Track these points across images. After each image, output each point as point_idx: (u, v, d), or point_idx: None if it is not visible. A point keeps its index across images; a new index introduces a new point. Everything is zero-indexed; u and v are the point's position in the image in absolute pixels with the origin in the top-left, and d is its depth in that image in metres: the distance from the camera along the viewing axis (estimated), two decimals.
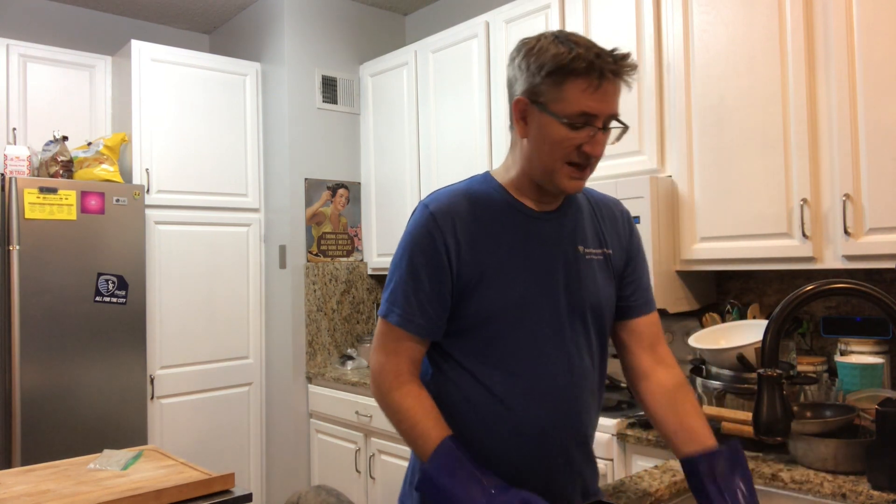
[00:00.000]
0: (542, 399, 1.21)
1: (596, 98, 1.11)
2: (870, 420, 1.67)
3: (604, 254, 1.29)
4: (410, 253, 1.21)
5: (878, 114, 1.89)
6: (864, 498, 1.45)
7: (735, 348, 1.96)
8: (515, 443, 1.21)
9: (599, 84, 1.11)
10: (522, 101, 1.17)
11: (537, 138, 1.16)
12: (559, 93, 1.12)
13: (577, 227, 1.27)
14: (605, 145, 1.17)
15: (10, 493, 1.74)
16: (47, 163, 3.12)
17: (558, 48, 1.12)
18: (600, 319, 1.28)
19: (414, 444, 1.20)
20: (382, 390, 1.22)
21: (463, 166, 3.14)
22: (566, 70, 1.10)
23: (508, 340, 1.21)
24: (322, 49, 3.70)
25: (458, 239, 1.19)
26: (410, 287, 1.20)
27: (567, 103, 1.11)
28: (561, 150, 1.14)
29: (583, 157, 1.15)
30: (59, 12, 3.73)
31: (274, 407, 3.66)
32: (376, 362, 1.24)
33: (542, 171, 1.19)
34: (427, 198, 1.25)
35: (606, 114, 1.13)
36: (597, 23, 2.59)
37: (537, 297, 1.21)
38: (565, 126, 1.12)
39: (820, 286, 1.13)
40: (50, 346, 2.95)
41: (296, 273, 3.56)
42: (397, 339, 1.21)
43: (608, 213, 1.34)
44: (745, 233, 2.17)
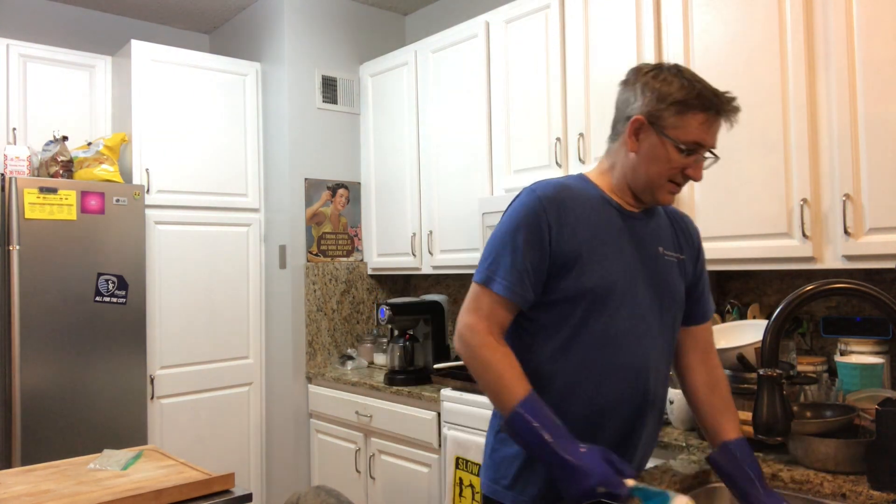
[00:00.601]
0: (613, 380, 1.34)
1: (708, 132, 1.31)
2: (870, 420, 1.67)
3: (678, 258, 1.46)
4: (516, 228, 1.33)
5: (878, 114, 1.89)
6: (864, 498, 1.45)
7: (735, 348, 1.96)
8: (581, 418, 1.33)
9: (715, 120, 1.31)
10: (640, 121, 1.33)
11: (649, 155, 1.33)
12: (679, 121, 1.30)
13: (659, 230, 1.45)
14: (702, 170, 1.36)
15: (10, 493, 1.74)
16: (47, 163, 3.12)
17: (681, 82, 1.31)
18: (674, 314, 1.44)
19: (498, 393, 1.28)
20: (472, 345, 1.31)
21: (463, 166, 3.14)
22: (690, 104, 1.29)
23: (590, 321, 1.33)
24: (322, 49, 3.70)
25: (560, 221, 1.33)
26: (513, 258, 1.31)
27: (685, 131, 1.30)
28: (669, 169, 1.33)
29: (684, 178, 1.35)
30: (59, 12, 3.73)
31: (274, 407, 3.66)
32: (468, 322, 1.32)
33: (646, 183, 1.36)
34: (533, 184, 1.39)
35: (711, 145, 1.33)
36: (597, 23, 2.59)
37: (623, 284, 1.35)
38: (680, 151, 1.31)
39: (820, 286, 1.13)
40: (50, 346, 2.95)
41: (296, 273, 3.56)
42: (493, 304, 1.32)
43: (683, 225, 1.52)
44: (745, 233, 2.17)
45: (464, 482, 2.60)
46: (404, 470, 2.97)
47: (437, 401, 2.83)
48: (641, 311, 1.37)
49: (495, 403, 1.30)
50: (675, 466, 1.63)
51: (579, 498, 1.15)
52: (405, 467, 2.96)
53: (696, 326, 1.50)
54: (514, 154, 2.91)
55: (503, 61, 2.95)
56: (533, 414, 1.21)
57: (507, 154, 2.93)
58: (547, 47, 2.76)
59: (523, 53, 2.86)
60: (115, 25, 3.91)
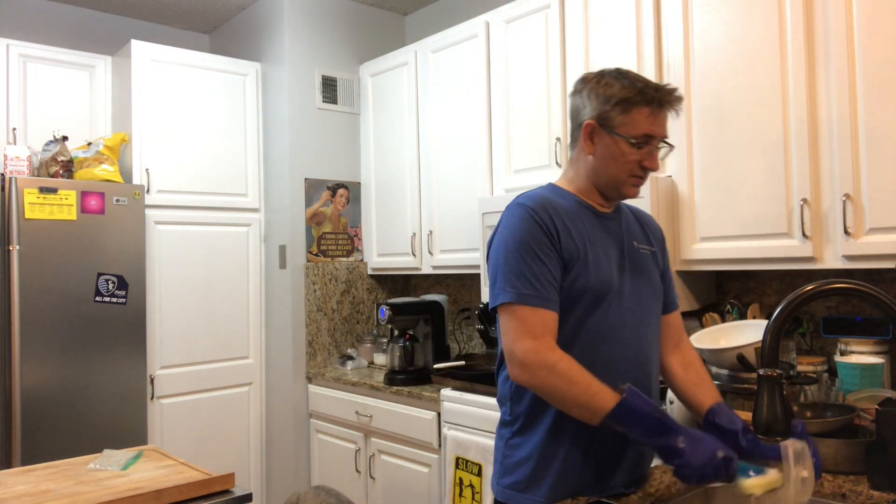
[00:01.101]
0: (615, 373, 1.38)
1: (655, 123, 1.39)
2: (870, 420, 1.67)
3: (650, 251, 1.54)
4: (526, 241, 1.37)
5: (878, 114, 1.89)
6: (864, 498, 1.45)
7: (735, 348, 1.95)
8: None
9: (659, 112, 1.39)
10: (592, 125, 1.41)
11: (605, 155, 1.41)
12: (626, 118, 1.38)
13: (629, 227, 1.52)
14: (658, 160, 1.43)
15: (10, 493, 1.74)
16: (47, 163, 3.12)
17: (622, 82, 1.39)
18: (658, 304, 1.52)
19: (590, 401, 1.29)
20: (547, 365, 1.31)
21: (463, 166, 3.14)
22: (633, 101, 1.37)
23: (589, 318, 1.39)
24: (322, 49, 3.70)
25: (556, 227, 1.39)
26: (536, 270, 1.35)
27: (633, 127, 1.38)
28: (626, 164, 1.40)
29: (642, 170, 1.41)
30: (59, 12, 3.73)
31: (274, 407, 3.66)
32: (526, 347, 1.32)
33: (608, 181, 1.43)
34: (519, 198, 1.45)
35: (661, 136, 1.41)
36: (597, 22, 2.59)
37: (614, 281, 1.42)
38: (631, 145, 1.38)
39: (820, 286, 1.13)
40: (50, 346, 2.95)
41: (296, 273, 3.56)
42: (541, 321, 1.34)
43: (646, 220, 1.61)
44: (745, 233, 2.17)
45: (464, 482, 2.60)
46: (404, 470, 2.97)
47: (437, 401, 2.83)
48: (632, 304, 1.44)
49: (584, 412, 1.30)
50: None
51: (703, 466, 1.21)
52: (405, 467, 2.96)
53: (667, 315, 1.58)
54: (514, 154, 2.90)
55: (503, 61, 2.95)
56: (641, 400, 1.27)
57: (507, 154, 2.93)
58: (547, 47, 2.76)
59: (523, 53, 2.86)
60: (115, 25, 3.91)
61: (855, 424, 1.70)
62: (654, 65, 2.40)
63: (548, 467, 1.40)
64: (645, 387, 1.43)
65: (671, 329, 1.58)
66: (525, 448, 1.43)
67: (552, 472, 1.40)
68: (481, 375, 2.78)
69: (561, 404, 1.33)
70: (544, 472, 1.40)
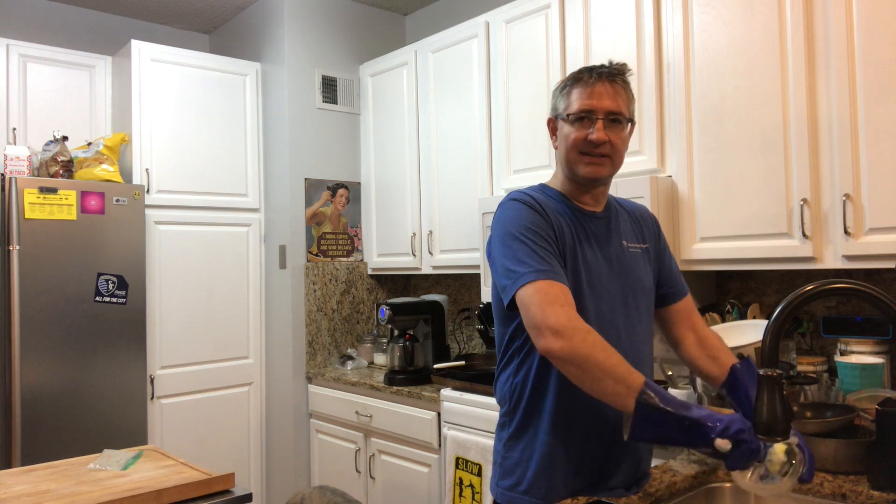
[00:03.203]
0: None
1: (591, 96, 1.40)
2: (870, 420, 1.67)
3: (642, 248, 1.54)
4: (524, 227, 1.37)
5: (878, 114, 1.89)
6: (864, 498, 1.45)
7: (735, 348, 1.95)
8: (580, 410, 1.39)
9: (592, 86, 1.40)
10: (550, 120, 1.50)
11: (560, 141, 1.46)
12: (566, 100, 1.43)
13: (619, 225, 1.52)
14: (607, 134, 1.39)
15: (10, 493, 1.74)
16: (47, 163, 3.12)
17: (567, 76, 1.46)
18: (647, 303, 1.52)
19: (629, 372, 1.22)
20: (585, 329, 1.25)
21: (463, 166, 3.14)
22: (570, 82, 1.44)
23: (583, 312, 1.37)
24: (322, 49, 3.70)
25: (550, 217, 1.40)
26: (541, 250, 1.35)
27: (570, 105, 1.42)
28: (572, 142, 1.42)
29: (589, 145, 1.40)
30: (59, 12, 3.73)
31: (274, 407, 3.66)
32: (559, 313, 1.25)
33: (567, 165, 1.45)
34: (511, 194, 1.47)
35: (602, 109, 1.40)
36: (597, 23, 2.59)
37: (601, 280, 1.43)
38: (570, 123, 1.42)
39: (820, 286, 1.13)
40: (50, 346, 2.95)
41: (296, 273, 3.56)
42: (563, 292, 1.30)
43: (641, 216, 1.60)
44: (745, 233, 2.17)
45: (464, 482, 2.60)
46: (404, 470, 2.97)
47: (437, 401, 2.83)
48: (617, 305, 1.45)
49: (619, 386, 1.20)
50: (675, 466, 1.63)
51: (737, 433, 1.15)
52: (405, 467, 2.96)
53: (678, 303, 1.59)
54: (514, 154, 2.90)
55: (503, 61, 2.95)
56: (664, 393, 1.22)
57: (507, 154, 2.93)
58: (547, 47, 2.76)
59: (523, 54, 2.86)
60: (115, 25, 3.91)
61: (855, 424, 1.70)
62: (654, 65, 2.40)
63: (547, 468, 1.39)
64: None
65: (682, 315, 1.59)
66: (524, 449, 1.43)
67: (551, 473, 1.39)
68: (481, 375, 2.78)
69: (594, 375, 1.22)
70: (543, 473, 1.40)
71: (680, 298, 1.60)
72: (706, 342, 1.55)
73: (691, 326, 1.59)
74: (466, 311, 3.56)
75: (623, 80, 1.43)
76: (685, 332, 1.58)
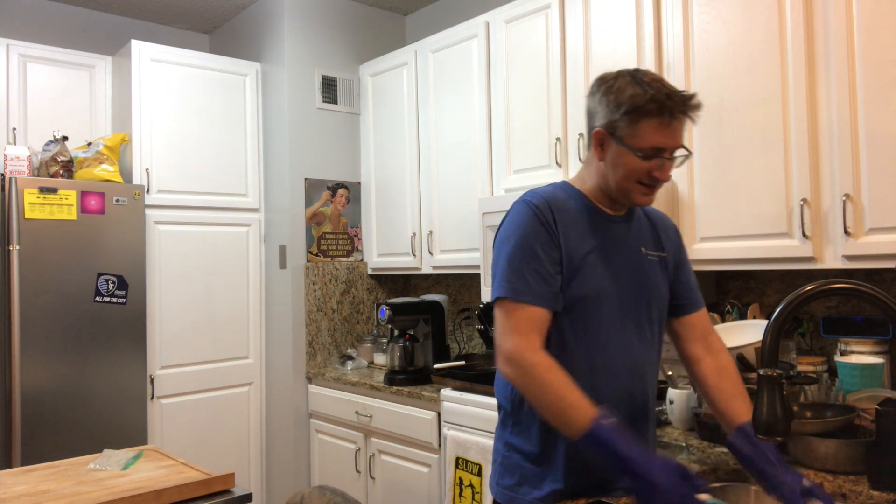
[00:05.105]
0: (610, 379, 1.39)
1: (665, 134, 1.32)
2: (870, 420, 1.67)
3: (660, 256, 1.51)
4: (524, 238, 1.36)
5: (879, 114, 1.89)
6: (864, 498, 1.45)
7: (735, 348, 1.95)
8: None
9: (670, 123, 1.32)
10: (601, 133, 1.37)
11: (613, 163, 1.37)
12: (634, 129, 1.32)
13: (640, 232, 1.49)
14: (670, 170, 1.37)
15: (10, 493, 1.74)
16: (47, 163, 3.12)
17: (634, 89, 1.31)
18: (659, 310, 1.49)
19: (562, 414, 1.28)
20: (524, 367, 1.31)
21: (463, 166, 3.14)
22: (642, 111, 1.30)
23: (584, 325, 1.38)
24: (322, 49, 3.70)
25: (558, 228, 1.37)
26: (535, 267, 1.34)
27: (641, 139, 1.32)
28: (633, 174, 1.36)
29: (652, 180, 1.36)
30: (59, 12, 3.73)
31: (274, 407, 3.66)
32: (512, 344, 1.32)
33: (617, 189, 1.39)
34: (525, 195, 1.43)
35: (674, 147, 1.34)
36: (597, 23, 2.59)
37: (613, 286, 1.40)
38: (639, 157, 1.33)
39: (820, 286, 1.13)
40: (50, 346, 2.95)
41: (296, 273, 3.56)
42: (530, 318, 1.33)
43: (662, 224, 1.57)
44: (745, 233, 2.17)
45: (464, 482, 2.60)
46: (404, 470, 2.97)
47: (437, 401, 2.82)
48: (629, 311, 1.42)
49: (558, 421, 1.29)
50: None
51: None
52: (405, 467, 2.96)
53: (691, 315, 1.54)
54: (514, 154, 2.90)
55: (503, 61, 2.95)
56: (612, 429, 1.23)
57: (507, 154, 2.93)
58: (547, 47, 2.76)
59: (523, 53, 2.86)
60: (115, 25, 3.91)
61: (855, 424, 1.70)
62: (654, 65, 2.40)
63: (547, 468, 1.39)
64: (640, 392, 1.43)
65: (697, 330, 1.54)
66: (524, 449, 1.43)
67: (551, 472, 1.39)
68: (481, 375, 2.78)
69: (536, 408, 1.32)
70: (543, 472, 1.40)
71: (692, 311, 1.55)
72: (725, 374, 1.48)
73: (707, 347, 1.53)
74: (466, 311, 3.56)
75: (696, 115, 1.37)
76: (700, 352, 1.52)
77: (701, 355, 1.52)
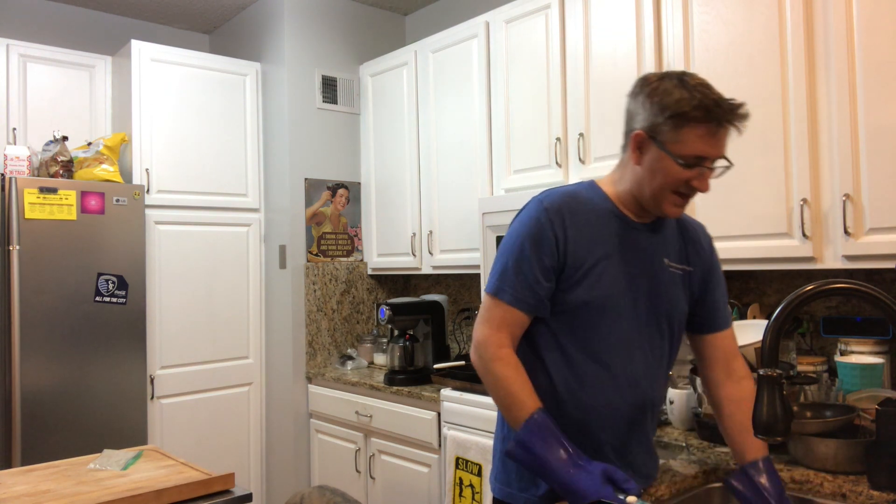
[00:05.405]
0: (607, 390, 1.36)
1: (710, 143, 1.26)
2: (870, 420, 1.67)
3: (684, 270, 1.44)
4: (523, 239, 1.34)
5: (878, 114, 1.89)
6: (864, 498, 1.45)
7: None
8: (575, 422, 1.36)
9: (716, 131, 1.26)
10: (641, 136, 1.30)
11: (651, 169, 1.30)
12: (678, 135, 1.26)
13: (665, 242, 1.42)
14: (709, 180, 1.31)
15: (10, 493, 1.74)
16: (47, 163, 3.12)
17: (681, 93, 1.25)
18: (672, 326, 1.43)
19: (508, 410, 1.32)
20: (485, 359, 1.35)
21: (463, 166, 3.14)
22: (688, 116, 1.24)
23: (592, 331, 1.35)
24: (322, 49, 3.70)
25: (566, 233, 1.33)
26: (522, 268, 1.33)
27: (684, 145, 1.26)
28: (671, 182, 1.29)
29: (690, 189, 1.31)
30: (59, 12, 3.73)
31: (274, 407, 3.66)
32: (481, 334, 1.36)
33: (650, 196, 1.33)
34: (541, 194, 1.40)
35: (717, 156, 1.28)
36: (597, 23, 2.59)
37: (621, 297, 1.35)
38: (679, 165, 1.27)
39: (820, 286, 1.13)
40: (50, 346, 2.95)
41: (296, 273, 3.56)
42: (504, 315, 1.34)
43: (694, 235, 1.48)
44: (745, 233, 2.17)
45: (464, 482, 2.60)
46: (404, 470, 2.97)
47: (437, 401, 2.83)
48: (638, 323, 1.37)
49: (506, 417, 1.33)
50: (674, 466, 1.63)
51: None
52: (405, 467, 2.96)
53: (716, 334, 1.47)
54: (514, 154, 2.90)
55: (503, 61, 2.95)
56: (537, 434, 1.24)
57: (507, 154, 2.93)
58: (547, 47, 2.76)
59: (523, 53, 2.86)
60: (115, 25, 3.91)
61: (855, 424, 1.70)
62: (655, 65, 2.40)
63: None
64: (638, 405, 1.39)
65: (720, 353, 1.47)
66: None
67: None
68: None
69: (494, 401, 1.36)
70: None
71: (715, 331, 1.48)
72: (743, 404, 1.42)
73: (729, 372, 1.46)
74: (466, 311, 3.56)
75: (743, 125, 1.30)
76: (721, 377, 1.46)
77: (721, 380, 1.46)
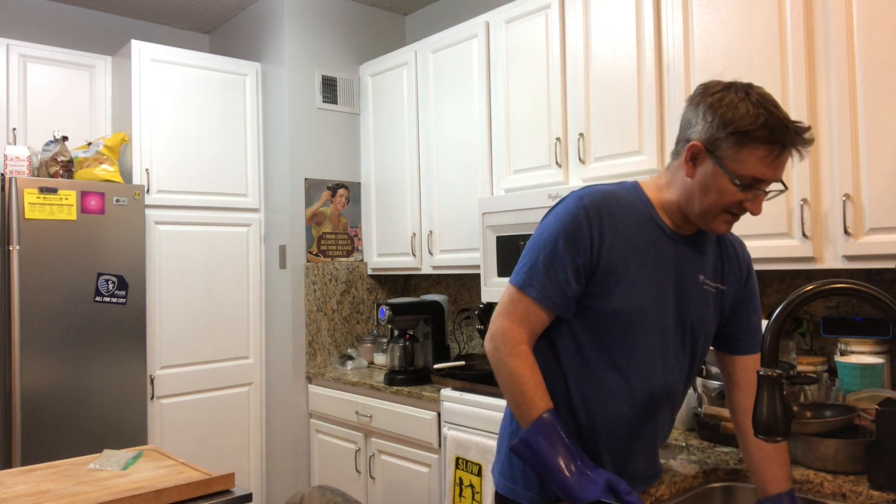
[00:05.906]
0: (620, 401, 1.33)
1: (771, 166, 1.19)
2: (870, 420, 1.67)
3: (717, 289, 1.39)
4: (557, 235, 1.29)
5: (878, 114, 1.89)
6: (864, 498, 1.45)
7: None
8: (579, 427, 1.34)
9: (779, 154, 1.19)
10: (698, 147, 1.24)
11: (704, 184, 1.24)
12: (738, 153, 1.19)
13: (702, 258, 1.37)
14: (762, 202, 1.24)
15: (10, 493, 1.74)
16: (47, 163, 3.12)
17: (748, 108, 1.17)
18: (696, 343, 1.38)
19: (518, 407, 1.29)
20: (502, 352, 1.31)
21: (463, 166, 3.14)
22: (752, 136, 1.17)
23: (617, 340, 1.31)
24: (322, 49, 3.70)
25: (602, 235, 1.28)
26: (554, 266, 1.28)
27: (743, 165, 1.19)
28: (723, 201, 1.23)
29: (740, 210, 1.24)
30: (59, 12, 3.73)
31: (274, 407, 3.66)
32: (500, 326, 1.32)
33: (700, 212, 1.27)
34: (581, 190, 1.33)
35: (775, 180, 1.21)
36: (597, 23, 2.59)
37: (651, 308, 1.31)
38: (735, 185, 1.20)
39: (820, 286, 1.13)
40: (50, 346, 2.95)
41: (296, 273, 3.56)
42: (528, 311, 1.30)
43: (733, 252, 1.42)
44: (745, 233, 2.16)
45: (464, 482, 2.60)
46: (404, 470, 2.97)
47: (437, 401, 2.83)
48: (664, 338, 1.33)
49: (515, 414, 1.30)
50: (675, 466, 1.63)
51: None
52: (405, 467, 2.96)
53: (746, 356, 1.43)
54: (514, 154, 2.90)
55: (503, 61, 2.95)
56: (544, 435, 1.22)
57: (507, 154, 2.93)
58: (547, 47, 2.76)
59: (523, 53, 2.86)
60: (115, 25, 3.91)
61: (855, 424, 1.70)
62: (654, 65, 2.40)
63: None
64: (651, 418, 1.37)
65: (749, 375, 1.41)
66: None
67: None
68: (481, 375, 2.78)
69: (504, 395, 1.33)
70: None
71: (743, 353, 1.43)
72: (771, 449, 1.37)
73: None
74: (466, 311, 3.56)
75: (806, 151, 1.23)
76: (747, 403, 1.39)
77: (747, 406, 1.38)
